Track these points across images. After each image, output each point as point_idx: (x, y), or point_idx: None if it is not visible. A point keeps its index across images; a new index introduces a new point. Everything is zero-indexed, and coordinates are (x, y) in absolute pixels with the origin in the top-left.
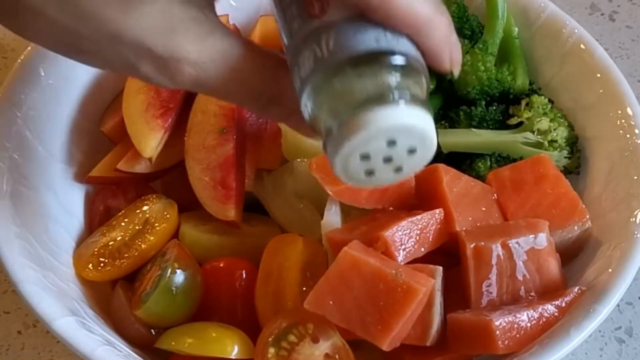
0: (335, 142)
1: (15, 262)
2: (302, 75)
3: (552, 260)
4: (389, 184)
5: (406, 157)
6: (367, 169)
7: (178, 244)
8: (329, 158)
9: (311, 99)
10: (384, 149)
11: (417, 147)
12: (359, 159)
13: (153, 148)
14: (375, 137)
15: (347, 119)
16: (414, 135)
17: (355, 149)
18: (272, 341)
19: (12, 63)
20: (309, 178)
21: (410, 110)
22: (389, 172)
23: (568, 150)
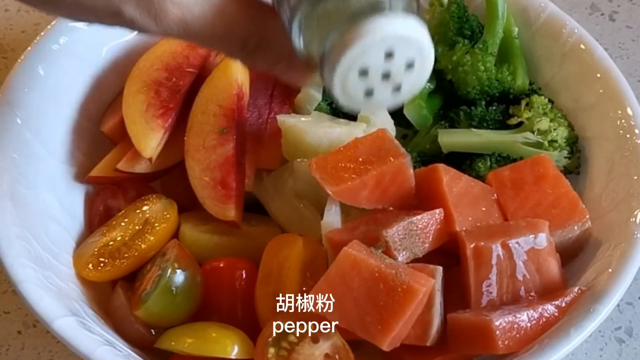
0: (333, 58)
1: (15, 262)
2: (291, 4)
3: (552, 260)
4: (388, 105)
5: (404, 73)
6: (366, 88)
7: (178, 244)
8: (326, 83)
9: (303, 24)
10: (382, 63)
11: (415, 60)
12: (357, 75)
13: (153, 148)
14: (373, 46)
15: (343, 33)
16: (412, 46)
17: (353, 62)
18: (272, 341)
19: (12, 63)
20: (309, 178)
21: (408, 19)
22: (388, 92)
23: (568, 150)
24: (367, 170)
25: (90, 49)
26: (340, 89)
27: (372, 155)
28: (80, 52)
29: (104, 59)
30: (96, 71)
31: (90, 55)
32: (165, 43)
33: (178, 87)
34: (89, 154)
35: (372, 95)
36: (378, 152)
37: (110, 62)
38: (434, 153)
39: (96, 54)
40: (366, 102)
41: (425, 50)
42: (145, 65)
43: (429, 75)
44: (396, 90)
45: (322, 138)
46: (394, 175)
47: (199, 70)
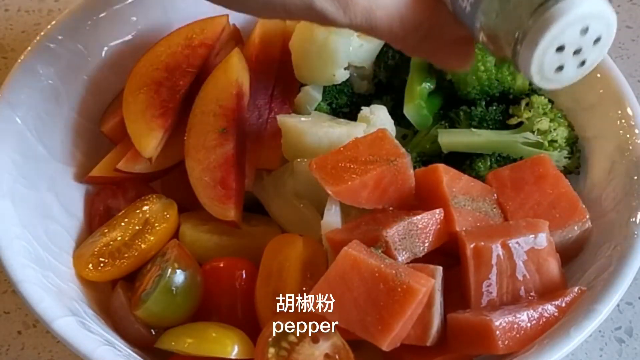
0: (532, 37)
1: (15, 262)
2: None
3: (552, 260)
4: (571, 81)
5: (592, 47)
6: (558, 64)
7: (178, 244)
8: (522, 59)
9: (491, 10)
10: (577, 38)
11: (602, 35)
12: (554, 52)
13: (153, 148)
14: (574, 22)
15: (544, 12)
16: (604, 21)
17: (555, 38)
18: (272, 341)
19: (12, 63)
20: (309, 178)
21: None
22: (574, 67)
23: (568, 150)
24: (367, 170)
25: (90, 49)
26: (537, 65)
27: (372, 155)
28: (80, 52)
29: (104, 59)
30: (96, 71)
31: (90, 55)
32: (165, 43)
33: (178, 87)
34: (89, 154)
35: (561, 70)
36: (378, 152)
37: (110, 62)
38: (434, 153)
39: (96, 54)
40: (555, 77)
41: (612, 25)
42: (145, 65)
43: (609, 46)
44: (581, 65)
45: (322, 138)
46: (394, 175)
47: (199, 70)
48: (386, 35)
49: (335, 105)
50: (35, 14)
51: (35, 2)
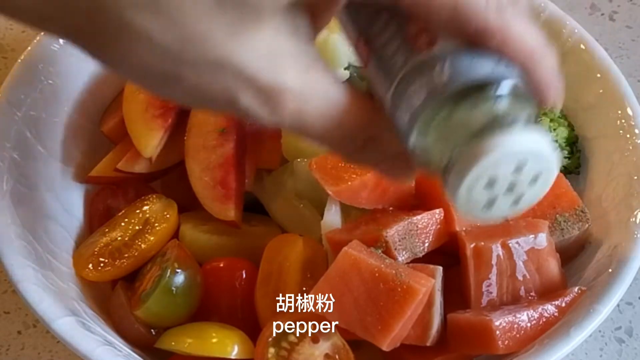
0: (463, 166)
1: (15, 262)
2: (413, 106)
3: (552, 260)
4: (502, 218)
5: (527, 186)
6: (488, 199)
7: (178, 244)
8: (449, 189)
9: (426, 130)
10: (510, 175)
11: (540, 175)
12: (484, 186)
13: (153, 148)
14: (506, 158)
15: (477, 142)
16: (543, 161)
17: (484, 172)
18: (272, 341)
19: (12, 63)
20: (309, 178)
21: (543, 135)
22: (508, 204)
23: (568, 150)
24: (367, 171)
25: None
26: (464, 196)
27: None
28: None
29: None
30: (96, 71)
31: None
32: None
33: None
34: (89, 154)
35: (492, 205)
36: None
37: None
38: None
39: None
40: (484, 212)
41: (553, 167)
42: None
43: (547, 190)
44: (515, 203)
45: None
46: None
47: None
48: (319, 140)
49: None
50: None
51: None
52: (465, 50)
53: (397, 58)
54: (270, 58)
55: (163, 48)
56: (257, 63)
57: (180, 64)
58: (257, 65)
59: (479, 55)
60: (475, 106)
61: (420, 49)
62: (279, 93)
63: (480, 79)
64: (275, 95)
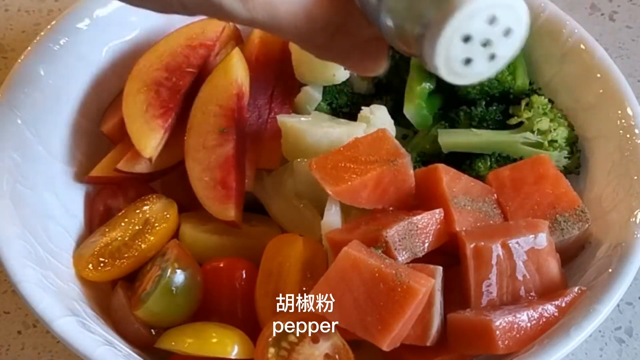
0: (437, 26)
1: (15, 262)
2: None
3: (552, 260)
4: (482, 76)
5: (502, 40)
6: (466, 56)
7: (178, 244)
8: (427, 53)
9: (395, 2)
10: (484, 29)
11: (512, 28)
12: (460, 42)
13: (153, 148)
14: (478, 11)
15: (447, 1)
16: (513, 12)
17: (459, 27)
18: (272, 341)
19: (12, 63)
20: (309, 178)
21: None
22: (485, 61)
23: (568, 150)
24: (367, 170)
25: (90, 49)
26: (442, 57)
27: (372, 155)
28: (80, 52)
29: (104, 59)
30: (96, 71)
31: (90, 55)
32: (165, 43)
33: (178, 87)
34: (89, 154)
35: (470, 63)
36: (378, 152)
37: (110, 62)
38: (434, 153)
39: (96, 54)
40: (464, 71)
41: (524, 17)
42: (145, 65)
43: (522, 42)
44: (492, 59)
45: (322, 138)
46: (394, 175)
47: (199, 70)
48: (291, 32)
49: (335, 105)
50: (35, 14)
51: (35, 2)
52: None
53: None
54: None
55: None
56: None
57: None
58: None
59: None
60: None
61: None
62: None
63: None
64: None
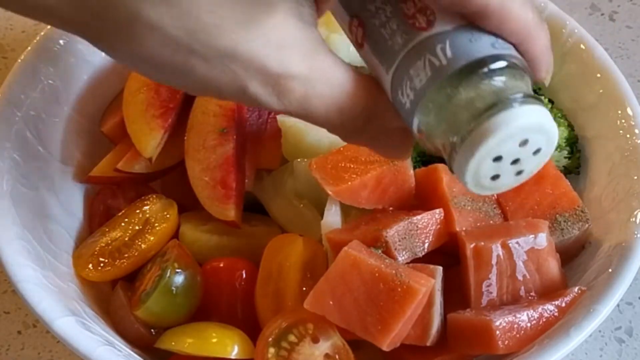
0: (470, 146)
1: (15, 262)
2: (416, 87)
3: (552, 260)
4: (506, 189)
5: (531, 158)
6: (495, 174)
7: (178, 244)
8: (456, 166)
9: (430, 111)
10: (516, 150)
11: (543, 147)
12: (491, 162)
13: (153, 148)
14: (513, 135)
15: (485, 121)
16: (545, 134)
17: (492, 149)
18: (272, 341)
19: (12, 63)
20: (309, 178)
21: (544, 109)
22: (512, 176)
23: (568, 150)
24: (367, 170)
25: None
26: (472, 174)
27: (372, 155)
28: (80, 52)
29: (104, 59)
30: (96, 71)
31: (90, 55)
32: None
33: None
34: (89, 154)
35: (497, 179)
36: None
37: (110, 62)
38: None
39: (96, 54)
40: (491, 185)
41: (553, 138)
42: None
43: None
44: (519, 174)
45: (322, 138)
46: (394, 175)
47: None
48: (322, 122)
49: None
50: None
51: None
52: (464, 29)
53: (395, 39)
54: (278, 46)
55: (175, 39)
56: (266, 51)
57: (191, 55)
58: (265, 53)
59: (478, 34)
60: (478, 84)
61: (418, 30)
62: (287, 80)
63: (480, 57)
64: (284, 83)
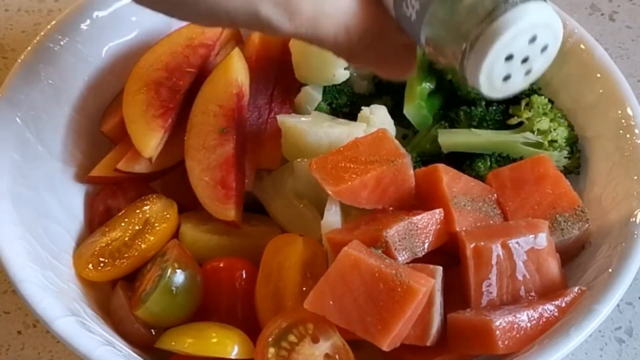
0: (482, 47)
1: (15, 262)
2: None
3: (552, 260)
4: (517, 90)
5: (539, 56)
6: (506, 73)
7: (178, 244)
8: (469, 71)
9: (436, 20)
10: (525, 47)
11: (549, 44)
12: (503, 62)
13: (153, 148)
14: (523, 32)
15: (493, 21)
16: (551, 31)
17: (504, 48)
18: (272, 341)
19: (12, 63)
20: (309, 178)
21: (548, 6)
22: (521, 75)
23: (568, 150)
24: (367, 171)
25: (90, 49)
26: (485, 75)
27: (372, 155)
28: (80, 52)
29: (104, 59)
30: (96, 71)
31: (90, 55)
32: (165, 43)
33: (178, 87)
34: (89, 154)
35: (509, 79)
36: (378, 152)
37: (110, 62)
38: (434, 153)
39: (96, 54)
40: (503, 86)
41: (559, 34)
42: (145, 65)
43: (555, 55)
44: (527, 73)
45: (322, 138)
46: (394, 175)
47: (199, 70)
48: (330, 44)
49: (335, 105)
50: (35, 14)
51: (35, 2)
52: None
53: None
54: None
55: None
56: None
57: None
58: None
59: None
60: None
61: None
62: (297, 0)
63: None
64: (294, 2)
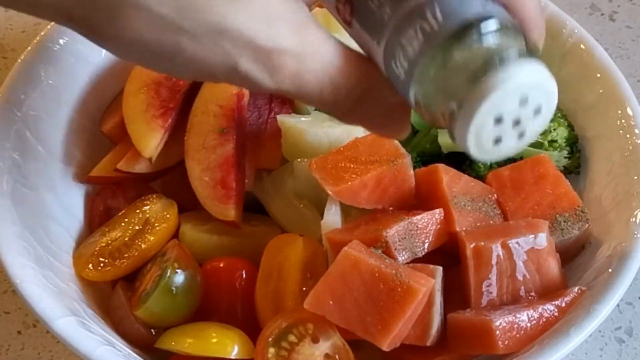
0: (469, 108)
1: (15, 262)
2: (409, 56)
3: (552, 260)
4: (510, 153)
5: (532, 119)
6: (496, 136)
7: (178, 244)
8: (458, 132)
9: (425, 79)
10: (516, 109)
11: (542, 106)
12: (492, 124)
13: (153, 148)
14: (511, 93)
15: (481, 82)
16: (544, 91)
17: (492, 109)
18: (272, 341)
19: (12, 63)
20: (309, 178)
21: (541, 65)
22: (514, 138)
23: (568, 150)
24: (367, 171)
25: (90, 49)
26: (474, 137)
27: (372, 155)
28: (80, 52)
29: (104, 59)
30: (96, 71)
31: (90, 55)
32: None
33: (178, 87)
34: (89, 154)
35: (500, 142)
36: (378, 152)
37: (110, 62)
38: (434, 153)
39: (96, 54)
40: (494, 149)
41: (553, 94)
42: None
43: (550, 119)
44: (521, 136)
45: (322, 138)
46: (394, 175)
47: None
48: (316, 100)
49: None
50: None
51: None
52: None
53: (384, 10)
54: (266, 20)
55: (162, 18)
56: (255, 26)
57: (179, 33)
58: (255, 28)
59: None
60: (471, 46)
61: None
62: (278, 55)
63: (471, 18)
64: (275, 58)
